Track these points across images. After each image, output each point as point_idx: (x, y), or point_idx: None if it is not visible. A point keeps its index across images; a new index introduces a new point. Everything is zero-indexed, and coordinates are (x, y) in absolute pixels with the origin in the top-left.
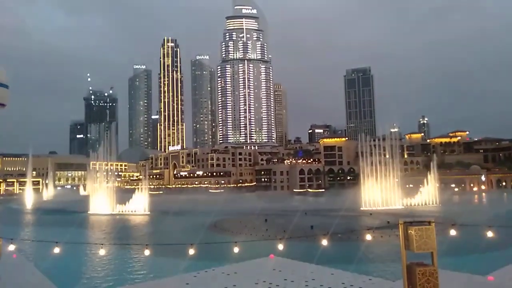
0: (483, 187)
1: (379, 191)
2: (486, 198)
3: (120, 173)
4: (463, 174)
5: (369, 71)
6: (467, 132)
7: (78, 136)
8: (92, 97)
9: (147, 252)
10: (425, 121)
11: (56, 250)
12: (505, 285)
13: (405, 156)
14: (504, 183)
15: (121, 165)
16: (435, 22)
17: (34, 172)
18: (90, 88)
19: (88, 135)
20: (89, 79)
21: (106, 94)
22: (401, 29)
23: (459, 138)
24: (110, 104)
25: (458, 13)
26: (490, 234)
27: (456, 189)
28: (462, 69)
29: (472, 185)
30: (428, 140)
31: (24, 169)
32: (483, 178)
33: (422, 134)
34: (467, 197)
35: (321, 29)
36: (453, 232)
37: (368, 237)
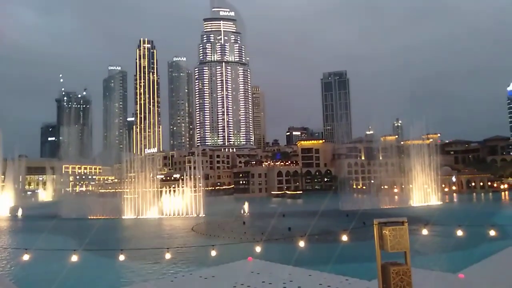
0: (453, 187)
1: (355, 193)
2: (457, 198)
3: (94, 177)
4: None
5: (345, 75)
6: (439, 135)
7: (49, 138)
8: (65, 98)
9: (121, 258)
10: (399, 124)
11: (26, 257)
12: (475, 282)
13: (380, 158)
14: (473, 184)
15: (95, 169)
16: (409, 25)
17: (3, 176)
18: (63, 89)
19: (61, 138)
20: (61, 80)
21: (79, 96)
22: (376, 32)
23: (431, 140)
24: (84, 105)
25: (431, 17)
26: (460, 233)
27: (429, 190)
28: (434, 72)
29: (443, 185)
30: (402, 142)
31: None
32: (453, 179)
33: (397, 136)
34: (437, 197)
35: (298, 32)
36: (425, 232)
37: (344, 238)
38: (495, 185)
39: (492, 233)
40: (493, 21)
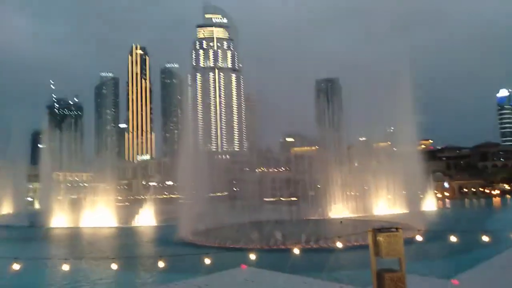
0: (446, 193)
1: (348, 199)
2: (449, 204)
3: (85, 184)
4: (428, 181)
5: (337, 82)
6: (431, 141)
7: (40, 146)
8: (56, 105)
9: (114, 266)
10: (392, 130)
11: (16, 267)
12: None
13: (374, 164)
14: (465, 190)
15: (86, 176)
16: (400, 32)
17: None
18: (54, 96)
19: (51, 145)
20: (52, 87)
21: (71, 102)
22: (368, 39)
23: (423, 146)
24: (75, 112)
25: (422, 24)
26: (453, 239)
27: (421, 196)
28: (425, 78)
29: (436, 191)
30: (394, 149)
31: None
32: (446, 185)
33: (389, 142)
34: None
35: (291, 38)
36: (419, 238)
37: (339, 244)
38: (486, 190)
39: (485, 238)
40: (483, 29)
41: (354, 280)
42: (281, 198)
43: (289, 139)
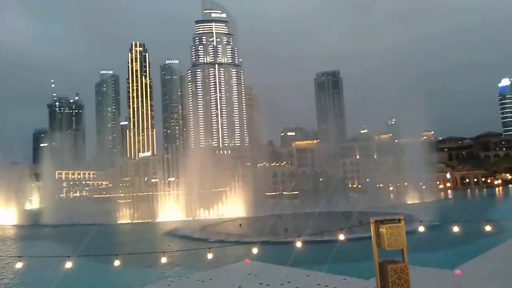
0: (448, 184)
1: (351, 192)
2: (451, 195)
3: (88, 182)
4: (430, 172)
5: (338, 74)
6: (432, 132)
7: (42, 145)
8: (57, 104)
9: (117, 263)
10: (393, 122)
11: (19, 265)
12: (472, 278)
13: (375, 156)
14: (467, 180)
15: (88, 174)
16: (398, 24)
17: None
18: (54, 94)
19: (53, 144)
20: (53, 85)
21: (71, 101)
22: (367, 31)
23: (425, 137)
24: (76, 110)
25: (420, 15)
26: (455, 229)
27: (424, 187)
28: (425, 69)
29: (438, 182)
30: (396, 141)
31: None
32: (448, 175)
33: (391, 134)
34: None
35: (291, 31)
36: (421, 229)
37: (341, 237)
38: (489, 180)
39: (488, 228)
40: (480, 18)
41: (357, 272)
42: (284, 192)
43: (290, 133)
